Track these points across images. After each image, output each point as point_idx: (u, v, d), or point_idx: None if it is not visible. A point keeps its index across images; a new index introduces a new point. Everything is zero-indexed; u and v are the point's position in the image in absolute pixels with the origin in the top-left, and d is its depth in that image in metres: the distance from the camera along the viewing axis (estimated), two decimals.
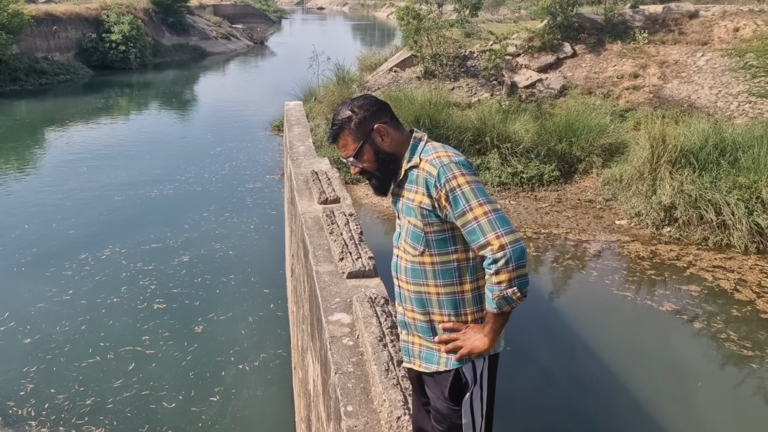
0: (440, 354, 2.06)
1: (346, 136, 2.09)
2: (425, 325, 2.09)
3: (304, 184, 5.41)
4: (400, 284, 2.15)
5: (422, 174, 1.99)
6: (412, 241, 2.05)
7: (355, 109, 2.09)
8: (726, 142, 9.08)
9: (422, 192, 1.99)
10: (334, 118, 2.12)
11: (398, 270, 2.14)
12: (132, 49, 28.38)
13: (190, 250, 9.14)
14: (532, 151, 10.80)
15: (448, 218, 1.97)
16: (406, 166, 2.06)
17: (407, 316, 2.14)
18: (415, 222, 2.03)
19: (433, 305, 2.06)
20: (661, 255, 8.26)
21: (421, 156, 2.03)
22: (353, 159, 2.10)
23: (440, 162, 1.96)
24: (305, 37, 38.50)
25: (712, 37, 14.47)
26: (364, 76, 16.97)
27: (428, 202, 1.98)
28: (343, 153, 2.13)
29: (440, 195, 1.93)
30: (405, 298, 2.14)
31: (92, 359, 6.51)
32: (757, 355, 6.23)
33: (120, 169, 13.14)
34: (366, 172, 2.12)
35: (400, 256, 2.13)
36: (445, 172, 1.94)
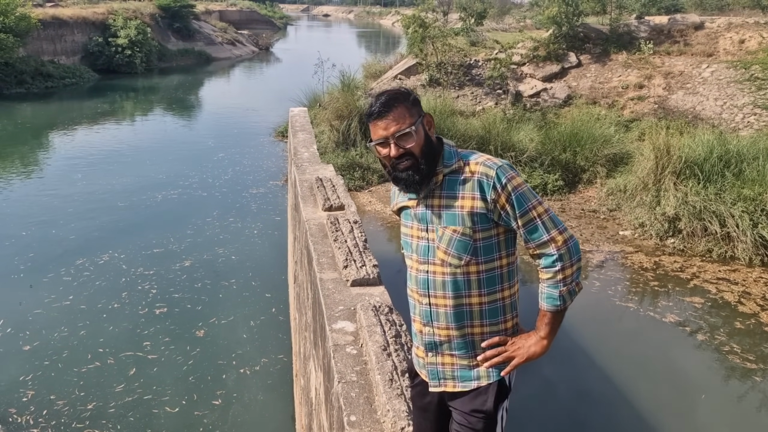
0: (478, 369, 1.99)
1: (402, 108, 1.93)
2: (462, 340, 1.99)
3: (308, 190, 5.40)
4: (433, 301, 1.99)
5: (474, 177, 1.91)
6: (456, 251, 1.93)
7: (406, 91, 1.99)
8: (731, 154, 9.06)
9: (475, 196, 1.90)
10: (382, 91, 1.97)
11: (432, 286, 1.98)
12: (138, 54, 28.52)
13: (192, 254, 9.14)
14: (536, 161, 10.79)
15: (501, 221, 1.92)
16: (446, 171, 1.95)
17: (439, 335, 2.00)
18: (462, 230, 1.92)
19: (474, 317, 1.97)
20: (665, 266, 8.23)
21: (464, 160, 1.96)
22: (406, 132, 1.91)
23: (494, 163, 1.91)
24: (310, 44, 38.66)
25: (717, 49, 14.47)
26: (369, 83, 16.99)
27: (482, 206, 1.90)
28: (394, 127, 1.92)
29: (500, 196, 1.88)
30: (438, 316, 1.99)
31: (92, 365, 6.49)
32: (760, 368, 6.19)
33: (124, 173, 13.16)
34: (410, 156, 1.93)
35: (433, 271, 1.97)
36: (503, 172, 1.90)
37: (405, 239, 2.09)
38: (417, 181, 1.94)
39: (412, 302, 2.09)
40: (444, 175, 1.95)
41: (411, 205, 2.03)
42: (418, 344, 2.10)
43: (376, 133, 1.95)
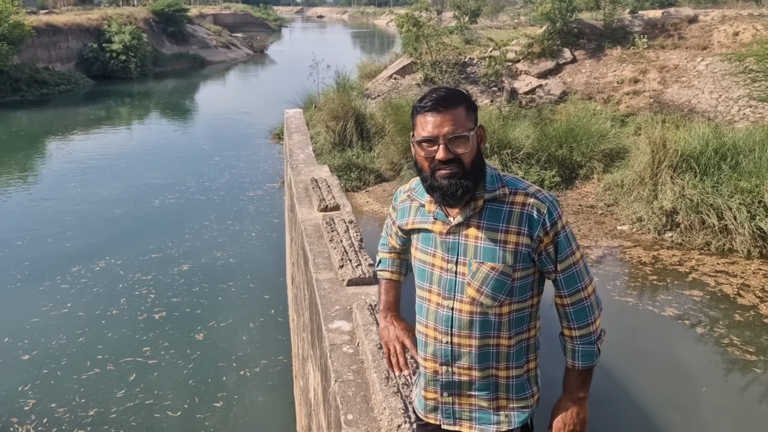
0: (499, 412, 1.83)
1: (461, 109, 1.68)
2: (485, 382, 1.80)
3: (303, 191, 5.39)
4: (456, 341, 1.77)
5: (525, 210, 1.69)
6: (492, 291, 1.71)
7: (467, 94, 1.75)
8: (727, 147, 9.06)
9: (521, 231, 1.69)
10: (438, 90, 1.71)
11: (457, 325, 1.76)
12: (132, 59, 28.53)
13: (190, 258, 9.13)
14: (532, 157, 10.78)
15: (539, 262, 1.74)
16: (487, 197, 1.71)
17: (459, 375, 1.80)
18: (502, 268, 1.70)
19: (501, 359, 1.79)
20: (663, 260, 8.23)
21: (509, 188, 1.73)
22: (462, 135, 1.66)
23: (545, 197, 1.72)
24: (305, 46, 38.65)
25: (711, 42, 14.48)
26: (364, 83, 17.00)
27: (528, 243, 1.69)
28: (449, 127, 1.65)
29: (547, 235, 1.70)
30: (460, 356, 1.78)
31: (92, 371, 6.48)
32: (760, 359, 6.19)
33: (120, 179, 13.14)
34: (458, 164, 1.67)
35: (459, 309, 1.75)
36: (555, 209, 1.71)
37: (421, 267, 1.83)
38: (458, 194, 1.67)
39: (423, 339, 1.84)
40: (485, 201, 1.72)
41: (436, 229, 1.77)
42: (428, 386, 1.87)
43: (424, 128, 1.68)
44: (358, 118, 12.85)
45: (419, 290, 1.85)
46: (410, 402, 2.09)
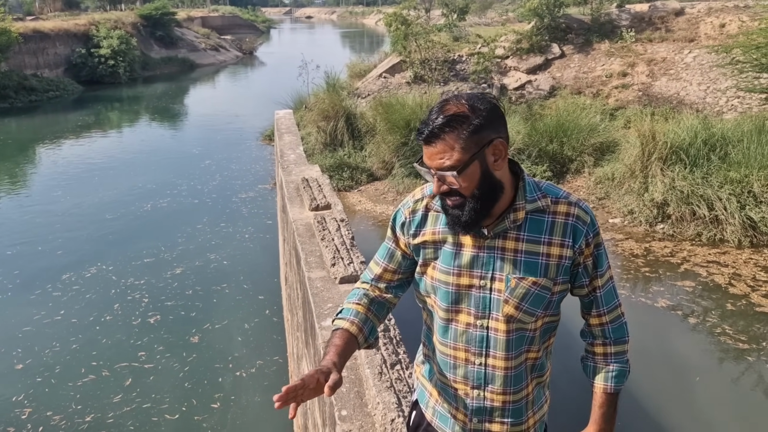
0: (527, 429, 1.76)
1: (451, 141, 1.50)
2: (518, 405, 1.71)
3: (295, 191, 5.40)
4: (491, 362, 1.66)
5: (569, 221, 1.59)
6: (531, 307, 1.60)
7: (477, 107, 1.51)
8: (716, 138, 9.12)
9: (565, 243, 1.59)
10: (437, 111, 1.53)
11: (492, 345, 1.64)
12: (121, 63, 28.44)
13: (184, 262, 9.11)
14: (523, 152, 10.82)
15: (576, 275, 1.65)
16: (529, 208, 1.59)
17: (492, 401, 1.69)
18: (544, 282, 1.59)
19: (528, 373, 1.71)
20: (655, 252, 8.28)
21: (550, 197, 1.62)
22: (452, 174, 1.50)
23: (588, 207, 1.63)
24: (294, 47, 38.60)
25: (698, 34, 14.57)
26: (354, 83, 17.00)
27: (570, 255, 1.60)
28: (437, 161, 1.52)
29: (589, 247, 1.62)
30: (495, 379, 1.67)
31: (87, 378, 6.45)
32: (753, 348, 6.24)
33: (111, 185, 13.10)
34: (457, 195, 1.54)
35: (495, 328, 1.63)
36: (595, 222, 1.63)
37: (443, 288, 1.65)
38: (468, 219, 1.55)
39: (452, 362, 1.70)
40: (527, 212, 1.59)
41: (466, 242, 1.62)
42: (459, 407, 1.73)
43: (424, 153, 1.56)
44: (348, 118, 12.86)
45: (440, 311, 1.68)
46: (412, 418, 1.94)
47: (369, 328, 1.74)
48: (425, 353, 1.85)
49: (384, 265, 1.78)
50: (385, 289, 1.79)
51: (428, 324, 1.79)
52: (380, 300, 1.78)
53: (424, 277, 1.70)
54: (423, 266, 1.70)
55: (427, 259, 1.68)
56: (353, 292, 1.81)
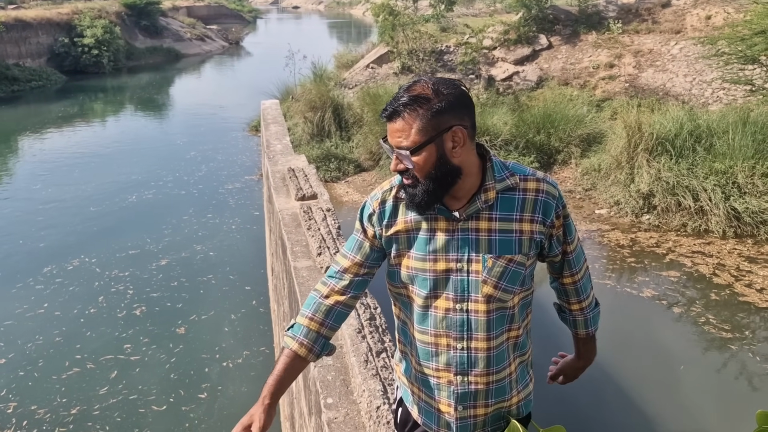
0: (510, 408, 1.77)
1: (410, 120, 1.52)
2: (500, 385, 1.72)
3: (281, 181, 5.36)
4: (473, 345, 1.66)
5: (539, 197, 1.63)
6: (509, 284, 1.63)
7: (441, 91, 1.53)
8: (701, 129, 9.16)
9: (535, 218, 1.63)
10: (403, 90, 1.57)
11: (474, 327, 1.65)
12: (105, 53, 28.07)
13: (170, 253, 9.05)
14: (511, 144, 10.82)
15: (551, 246, 1.71)
16: (499, 188, 1.62)
17: (476, 383, 1.68)
18: (519, 259, 1.62)
19: (510, 352, 1.72)
20: (641, 242, 8.32)
21: (519, 175, 1.65)
22: (406, 153, 1.54)
23: (554, 183, 1.67)
24: (281, 37, 38.33)
25: (684, 26, 14.62)
26: (341, 73, 16.92)
27: (541, 230, 1.64)
28: (395, 138, 1.55)
29: (559, 219, 1.67)
30: (477, 361, 1.67)
31: (71, 371, 6.40)
32: (736, 337, 6.30)
33: (95, 176, 12.95)
34: (410, 175, 1.58)
35: (475, 309, 1.63)
36: (562, 195, 1.68)
37: (421, 276, 1.66)
38: (420, 201, 1.57)
39: (433, 350, 1.69)
40: (497, 192, 1.61)
41: (439, 227, 1.63)
42: (442, 398, 1.72)
43: (387, 130, 1.59)
44: (335, 109, 12.79)
45: (418, 299, 1.68)
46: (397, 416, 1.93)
47: (321, 345, 1.75)
48: (402, 350, 1.84)
49: (351, 258, 1.76)
50: (347, 287, 1.75)
51: (402, 318, 1.78)
52: (338, 309, 1.75)
53: (399, 268, 1.70)
54: (397, 257, 1.69)
55: (401, 249, 1.68)
56: (310, 300, 1.78)
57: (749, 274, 7.37)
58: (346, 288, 1.75)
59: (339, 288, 1.75)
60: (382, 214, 1.70)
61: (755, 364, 5.90)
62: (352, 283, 1.75)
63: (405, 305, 1.75)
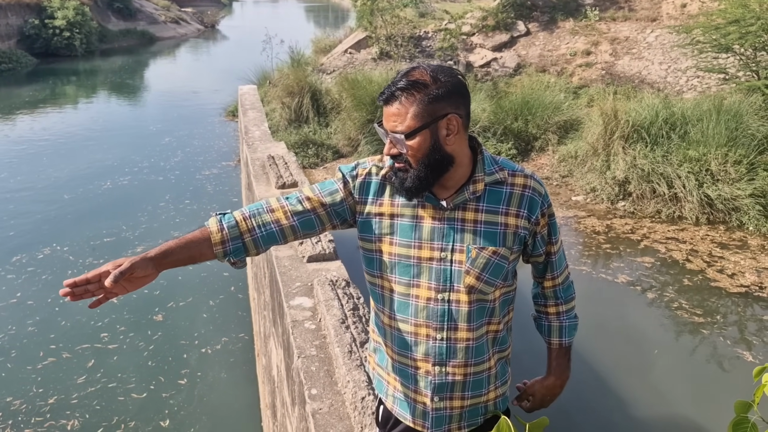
0: (487, 403, 1.78)
1: (407, 105, 1.53)
2: (479, 377, 1.73)
3: (260, 169, 5.33)
4: (452, 335, 1.66)
5: (526, 193, 1.65)
6: (491, 277, 1.63)
7: (439, 78, 1.55)
8: (676, 117, 9.29)
9: (521, 213, 1.65)
10: (401, 75, 1.57)
11: (454, 318, 1.65)
12: (77, 35, 27.48)
13: (146, 241, 8.95)
14: (489, 130, 10.86)
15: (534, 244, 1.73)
16: (488, 180, 1.64)
17: (454, 374, 1.69)
18: (503, 252, 1.63)
19: (489, 347, 1.73)
20: (616, 229, 8.44)
21: (507, 170, 1.67)
22: (401, 137, 1.54)
23: (541, 181, 1.70)
24: (258, 20, 37.84)
25: (660, 14, 14.75)
26: (319, 58, 16.78)
27: (526, 226, 1.66)
28: (390, 122, 1.56)
29: (544, 217, 1.70)
30: (456, 352, 1.67)
31: (46, 361, 6.32)
32: (708, 321, 6.44)
33: (67, 162, 12.70)
34: (403, 160, 1.57)
35: (457, 300, 1.64)
36: (548, 194, 1.71)
37: (404, 262, 1.65)
38: (410, 187, 1.57)
39: (412, 339, 1.68)
40: (486, 184, 1.64)
41: (426, 214, 1.63)
42: (419, 388, 1.72)
43: (383, 114, 1.60)
44: (313, 94, 12.70)
45: (399, 286, 1.67)
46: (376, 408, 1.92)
47: (235, 247, 1.65)
48: (376, 340, 1.83)
49: (318, 194, 1.69)
50: (296, 214, 1.67)
51: (379, 308, 1.76)
52: (273, 229, 1.67)
53: (379, 254, 1.68)
54: (378, 242, 1.67)
55: (383, 234, 1.66)
56: (255, 204, 1.70)
57: (721, 259, 7.53)
58: (294, 214, 1.67)
59: (289, 209, 1.67)
60: (364, 186, 1.68)
61: (726, 347, 6.05)
62: (303, 215, 1.68)
63: (381, 296, 1.73)
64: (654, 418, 5.37)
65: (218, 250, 1.64)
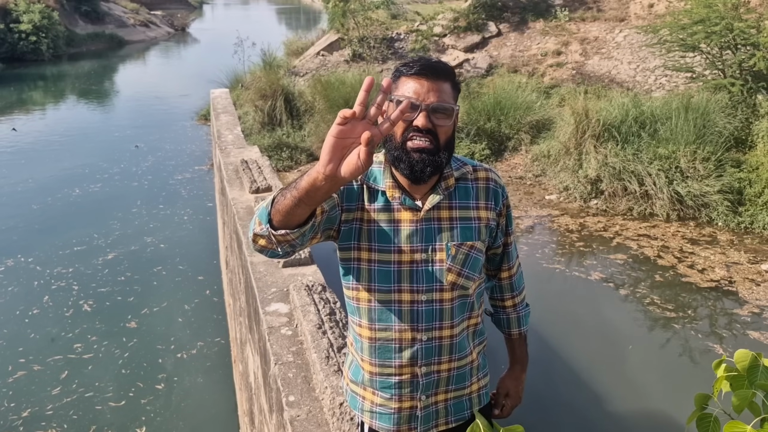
0: (471, 396, 1.80)
1: (449, 84, 1.59)
2: (462, 371, 1.75)
3: (234, 173, 5.29)
4: (438, 334, 1.67)
5: (489, 185, 1.70)
6: (470, 271, 1.66)
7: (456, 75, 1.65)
8: (645, 115, 9.44)
9: (489, 206, 1.70)
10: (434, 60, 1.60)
11: (439, 317, 1.66)
12: (44, 40, 26.97)
13: (118, 247, 8.82)
14: (462, 131, 10.92)
15: (496, 236, 1.76)
16: (457, 175, 1.67)
17: (439, 372, 1.70)
18: (479, 245, 1.67)
19: (471, 339, 1.76)
20: (589, 227, 8.55)
21: (469, 165, 1.72)
22: (447, 108, 1.55)
23: (498, 173, 1.77)
24: (229, 23, 37.58)
25: (628, 14, 14.98)
26: (292, 60, 16.72)
27: (494, 217, 1.71)
28: (434, 97, 1.54)
29: (504, 208, 1.75)
30: (441, 350, 1.68)
31: (17, 374, 6.16)
32: (679, 316, 6.56)
33: (34, 170, 12.41)
34: (434, 137, 1.55)
35: (440, 299, 1.64)
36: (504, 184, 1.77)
37: (383, 269, 1.62)
38: (427, 171, 1.55)
39: (396, 345, 1.66)
40: (455, 179, 1.67)
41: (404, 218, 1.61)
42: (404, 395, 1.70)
43: (408, 89, 1.55)
44: (286, 97, 12.65)
45: (380, 294, 1.63)
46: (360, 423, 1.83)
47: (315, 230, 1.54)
48: (353, 354, 1.79)
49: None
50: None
51: (356, 321, 1.72)
52: None
53: (357, 264, 1.64)
54: (356, 250, 1.63)
55: (361, 241, 1.62)
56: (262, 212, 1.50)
57: (691, 255, 7.67)
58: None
59: None
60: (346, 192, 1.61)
61: (697, 340, 6.16)
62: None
63: (355, 309, 1.70)
64: (629, 412, 5.45)
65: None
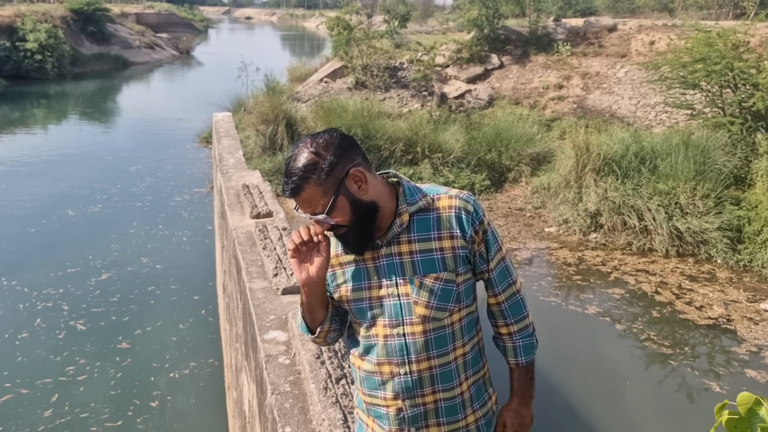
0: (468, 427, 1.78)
1: (311, 189, 1.58)
2: (451, 403, 1.74)
3: (235, 198, 5.28)
4: (414, 368, 1.68)
5: (452, 213, 1.68)
6: (440, 302, 1.66)
7: (320, 150, 1.58)
8: (645, 151, 9.50)
9: (454, 234, 1.67)
10: (291, 166, 1.60)
11: (413, 350, 1.67)
12: (49, 59, 27.21)
13: (114, 268, 8.75)
14: (462, 161, 10.97)
15: (476, 263, 1.74)
16: (411, 210, 1.68)
17: (425, 405, 1.71)
18: (446, 276, 1.66)
19: (462, 369, 1.74)
20: (588, 261, 8.54)
21: (431, 195, 1.71)
22: (325, 217, 1.59)
23: (469, 196, 1.72)
24: (233, 47, 37.99)
25: (630, 50, 15.17)
26: (295, 86, 16.86)
27: (463, 245, 1.68)
28: (307, 210, 1.61)
29: (478, 233, 1.69)
30: (422, 382, 1.70)
31: (4, 398, 6.00)
32: (676, 353, 6.51)
33: (33, 189, 12.34)
34: (339, 227, 1.63)
35: (411, 332, 1.67)
36: (479, 206, 1.71)
37: (358, 307, 1.71)
38: (356, 243, 1.65)
39: (379, 379, 1.72)
40: (410, 214, 1.67)
41: (367, 256, 1.69)
42: (393, 427, 1.73)
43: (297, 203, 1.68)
44: (288, 122, 12.71)
45: (361, 329, 1.73)
46: None
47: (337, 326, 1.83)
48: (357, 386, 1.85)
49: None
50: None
51: (352, 352, 1.82)
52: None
53: (342, 302, 1.75)
54: (337, 291, 1.74)
55: (340, 284, 1.73)
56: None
57: (690, 292, 7.64)
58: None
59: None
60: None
61: (694, 378, 6.11)
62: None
63: (352, 338, 1.81)
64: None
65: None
